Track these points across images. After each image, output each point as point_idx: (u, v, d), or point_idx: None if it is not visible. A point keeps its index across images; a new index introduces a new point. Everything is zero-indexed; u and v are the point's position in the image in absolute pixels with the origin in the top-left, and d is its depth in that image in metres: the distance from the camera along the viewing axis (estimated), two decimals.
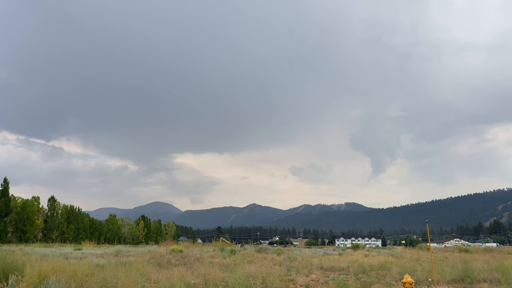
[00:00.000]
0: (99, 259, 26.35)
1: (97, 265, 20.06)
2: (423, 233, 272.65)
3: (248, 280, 16.23)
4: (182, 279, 15.91)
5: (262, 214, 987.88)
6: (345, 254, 46.93)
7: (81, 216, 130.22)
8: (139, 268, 17.98)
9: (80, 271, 15.47)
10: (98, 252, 38.65)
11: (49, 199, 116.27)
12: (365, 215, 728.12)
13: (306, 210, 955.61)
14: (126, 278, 15.02)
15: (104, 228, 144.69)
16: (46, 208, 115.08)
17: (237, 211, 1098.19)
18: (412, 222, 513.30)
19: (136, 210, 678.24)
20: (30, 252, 31.04)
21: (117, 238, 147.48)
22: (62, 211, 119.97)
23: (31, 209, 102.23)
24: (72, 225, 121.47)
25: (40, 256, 24.14)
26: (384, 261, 29.83)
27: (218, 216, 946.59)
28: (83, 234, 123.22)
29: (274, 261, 30.77)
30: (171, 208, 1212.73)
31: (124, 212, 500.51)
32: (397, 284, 17.36)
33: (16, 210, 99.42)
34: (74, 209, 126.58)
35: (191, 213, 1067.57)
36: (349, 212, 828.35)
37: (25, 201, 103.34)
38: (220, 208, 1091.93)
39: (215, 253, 42.04)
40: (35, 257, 21.50)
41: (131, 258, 27.72)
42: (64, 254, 31.63)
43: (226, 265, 24.71)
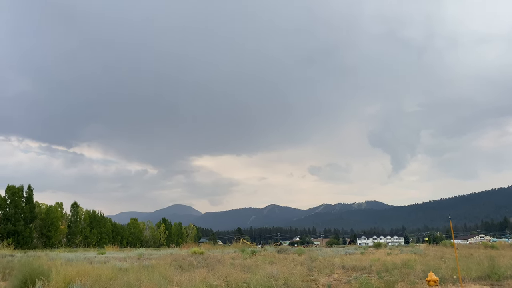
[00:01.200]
0: (122, 262, 26.68)
1: (120, 268, 20.33)
2: (446, 230, 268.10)
3: (270, 281, 16.20)
4: (204, 281, 15.99)
5: (282, 215, 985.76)
6: (367, 253, 46.44)
7: (103, 220, 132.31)
8: (161, 271, 18.13)
9: (104, 275, 15.69)
10: (121, 256, 39.16)
11: (72, 205, 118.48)
12: (386, 213, 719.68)
13: (326, 209, 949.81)
14: (149, 281, 15.17)
15: (126, 232, 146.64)
16: (69, 214, 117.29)
17: (256, 212, 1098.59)
18: (434, 219, 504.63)
19: (157, 213, 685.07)
20: (55, 257, 31.64)
21: (139, 241, 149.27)
22: (85, 216, 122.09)
23: (55, 215, 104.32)
24: (95, 229, 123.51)
25: (65, 261, 24.59)
26: (407, 259, 29.40)
27: (237, 217, 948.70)
28: (105, 239, 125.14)
29: (295, 261, 30.65)
30: (191, 211, 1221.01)
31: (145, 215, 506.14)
32: (421, 282, 17.07)
33: (41, 216, 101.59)
34: (96, 214, 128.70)
35: (211, 215, 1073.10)
36: (370, 210, 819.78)
37: (49, 207, 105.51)
38: (239, 209, 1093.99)
39: (236, 254, 42.12)
40: (60, 262, 21.91)
41: (154, 261, 27.99)
42: (88, 259, 32.14)
43: (248, 266, 24.72)
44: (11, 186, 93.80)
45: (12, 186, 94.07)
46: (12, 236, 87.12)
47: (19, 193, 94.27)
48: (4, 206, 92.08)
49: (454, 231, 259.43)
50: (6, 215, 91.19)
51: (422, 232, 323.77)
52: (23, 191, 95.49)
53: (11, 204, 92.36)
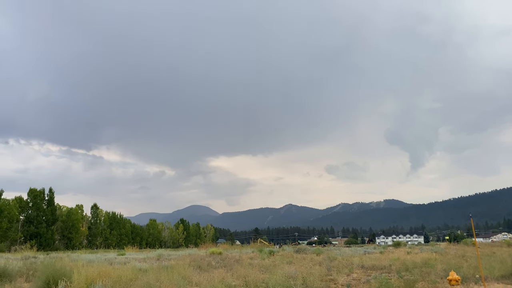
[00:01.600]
0: (142, 263, 26.99)
1: (140, 269, 20.58)
2: (467, 228, 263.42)
3: (288, 280, 16.19)
4: (223, 281, 16.07)
5: (299, 214, 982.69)
6: (387, 252, 45.96)
7: (123, 222, 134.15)
8: (180, 271, 18.29)
9: (125, 275, 15.91)
10: (140, 257, 39.60)
11: (92, 207, 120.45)
12: (405, 211, 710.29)
13: (344, 208, 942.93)
14: (169, 281, 15.33)
15: (145, 233, 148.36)
16: (89, 216, 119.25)
17: (273, 212, 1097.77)
18: (455, 217, 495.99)
19: (175, 214, 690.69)
20: (76, 258, 32.20)
21: (158, 242, 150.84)
22: (105, 218, 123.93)
23: (76, 217, 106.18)
24: (114, 231, 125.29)
25: (86, 262, 25.00)
26: (427, 258, 29.00)
27: (254, 217, 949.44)
28: (125, 240, 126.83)
29: (313, 261, 30.53)
30: (209, 211, 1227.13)
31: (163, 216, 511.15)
32: (443, 281, 16.82)
33: (62, 218, 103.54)
34: (116, 215, 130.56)
35: (228, 215, 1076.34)
36: (388, 209, 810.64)
37: (70, 210, 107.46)
38: (256, 209, 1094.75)
39: (254, 254, 42.17)
40: (81, 263, 22.29)
41: (173, 262, 28.24)
42: (109, 260, 32.60)
43: (266, 266, 24.74)
44: (33, 189, 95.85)
45: (34, 189, 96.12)
46: (34, 238, 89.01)
47: (41, 196, 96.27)
48: (26, 209, 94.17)
49: (476, 229, 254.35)
50: (29, 218, 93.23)
51: (442, 231, 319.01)
52: (44, 194, 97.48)
53: (33, 207, 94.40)
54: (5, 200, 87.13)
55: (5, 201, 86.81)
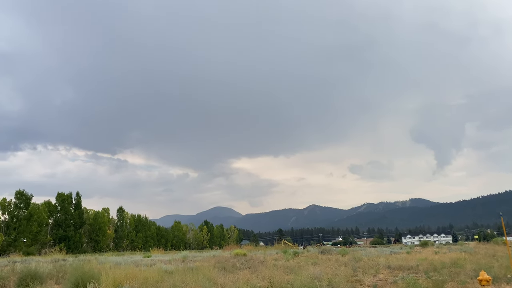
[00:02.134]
0: (167, 265, 27.28)
1: (166, 271, 20.80)
2: (497, 227, 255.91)
3: (313, 282, 16.07)
4: (247, 283, 16.08)
5: (323, 215, 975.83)
6: (413, 252, 45.13)
7: (148, 224, 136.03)
8: (205, 273, 18.39)
9: (151, 277, 16.11)
10: (166, 259, 40.03)
11: (117, 210, 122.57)
12: (432, 210, 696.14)
13: (369, 208, 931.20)
14: (194, 283, 15.43)
15: (170, 235, 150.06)
16: (115, 219, 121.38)
17: (296, 212, 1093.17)
18: (484, 216, 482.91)
19: (199, 216, 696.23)
20: (104, 261, 32.79)
21: (183, 244, 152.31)
22: (131, 221, 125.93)
23: (102, 220, 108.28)
24: (140, 233, 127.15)
25: (113, 264, 25.43)
26: (456, 258, 28.31)
27: (278, 218, 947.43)
28: (151, 242, 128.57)
29: (338, 262, 30.23)
30: (232, 212, 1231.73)
31: (187, 218, 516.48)
32: (473, 282, 16.38)
33: (89, 221, 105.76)
34: (141, 218, 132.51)
35: (252, 217, 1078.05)
36: (414, 208, 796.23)
37: (97, 213, 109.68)
38: (279, 210, 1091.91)
39: (278, 255, 42.07)
40: (109, 266, 22.67)
41: (198, 263, 28.44)
42: (135, 262, 33.08)
43: (290, 268, 24.63)
44: (61, 194, 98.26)
45: (62, 193, 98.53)
46: (63, 241, 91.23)
47: (68, 200, 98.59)
48: (55, 213, 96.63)
49: (506, 227, 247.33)
50: (58, 221, 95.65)
51: (471, 230, 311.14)
52: (72, 198, 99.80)
53: (61, 210, 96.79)
54: (34, 204, 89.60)
55: (34, 205, 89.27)
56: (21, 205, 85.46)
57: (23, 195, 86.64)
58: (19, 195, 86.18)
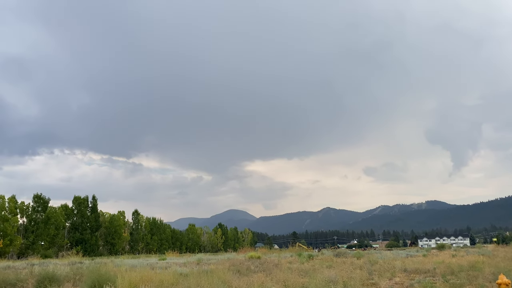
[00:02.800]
0: (182, 268, 27.41)
1: (181, 274, 20.91)
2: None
3: (328, 285, 15.98)
4: (262, 285, 16.07)
5: (337, 217, 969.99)
6: (430, 255, 44.47)
7: (163, 227, 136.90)
8: (220, 276, 18.43)
9: (166, 280, 16.22)
10: (181, 261, 40.23)
11: (133, 213, 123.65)
12: (449, 212, 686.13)
13: (384, 211, 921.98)
14: (209, 285, 15.49)
15: (185, 237, 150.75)
16: (131, 222, 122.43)
17: (311, 215, 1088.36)
18: (503, 218, 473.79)
19: (213, 219, 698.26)
20: (120, 263, 33.09)
21: (197, 246, 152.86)
22: (146, 224, 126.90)
23: (118, 223, 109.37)
24: (155, 236, 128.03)
25: (129, 267, 25.65)
26: (474, 261, 27.82)
27: (292, 221, 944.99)
28: (166, 245, 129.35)
29: (354, 265, 29.98)
30: (246, 215, 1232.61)
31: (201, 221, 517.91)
32: (491, 285, 16.10)
33: (105, 224, 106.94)
34: (156, 221, 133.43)
35: (266, 219, 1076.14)
36: (431, 210, 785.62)
37: (112, 216, 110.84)
38: (293, 213, 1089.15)
39: (293, 258, 41.91)
40: (124, 268, 22.88)
41: (212, 266, 28.51)
42: (150, 264, 33.33)
43: (305, 271, 24.51)
44: (77, 197, 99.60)
45: (78, 197, 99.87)
46: (80, 244, 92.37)
47: (85, 203, 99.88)
48: (72, 216, 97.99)
49: None
50: (74, 224, 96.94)
51: (490, 232, 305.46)
52: (88, 201, 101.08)
53: (78, 214, 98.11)
54: (51, 208, 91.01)
55: (51, 208, 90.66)
56: (38, 208, 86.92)
57: (41, 198, 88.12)
58: (36, 199, 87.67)
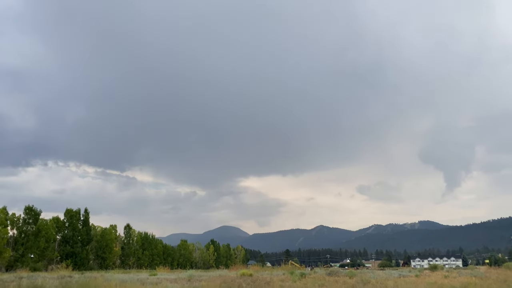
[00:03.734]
0: (173, 284, 27.21)
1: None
2: (509, 251, 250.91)
3: None
4: None
5: (331, 236, 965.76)
6: (423, 275, 44.42)
7: (155, 242, 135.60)
8: None
9: None
10: (172, 277, 39.88)
11: (125, 227, 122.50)
12: (442, 233, 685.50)
13: (377, 230, 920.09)
14: None
15: (177, 253, 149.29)
16: (122, 236, 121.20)
17: (304, 233, 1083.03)
18: (495, 240, 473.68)
19: (206, 235, 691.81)
20: (110, 278, 32.76)
21: (189, 263, 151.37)
22: (138, 238, 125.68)
23: (110, 237, 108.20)
24: (147, 251, 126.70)
25: (119, 282, 25.42)
26: (467, 283, 27.88)
27: (285, 238, 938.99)
28: (157, 260, 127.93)
29: (346, 284, 29.89)
30: (239, 232, 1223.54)
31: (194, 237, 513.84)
32: None
33: (96, 238, 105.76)
34: (148, 235, 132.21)
35: (259, 236, 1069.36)
36: (423, 230, 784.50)
37: (104, 230, 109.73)
38: (287, 230, 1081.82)
39: (285, 276, 41.65)
40: (115, 283, 22.70)
41: (203, 283, 28.31)
42: (141, 280, 33.02)
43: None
44: (69, 210, 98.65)
45: (70, 209, 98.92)
46: (70, 257, 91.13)
47: (77, 216, 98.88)
48: (63, 229, 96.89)
49: None
50: (65, 237, 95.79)
51: (482, 254, 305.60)
52: (80, 214, 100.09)
53: (69, 227, 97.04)
54: (43, 220, 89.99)
55: (43, 221, 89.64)
56: (29, 220, 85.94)
57: (32, 210, 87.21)
58: (28, 211, 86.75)
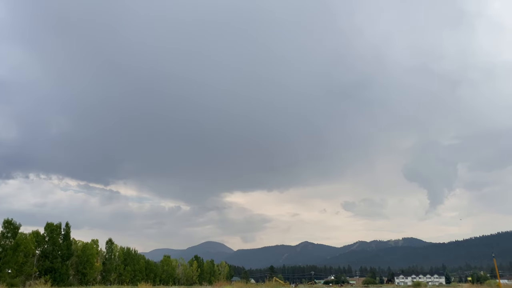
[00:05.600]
0: None
1: None
2: (491, 269, 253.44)
3: None
4: None
5: (315, 252, 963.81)
6: None
7: (137, 258, 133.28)
8: None
9: None
10: None
11: (107, 242, 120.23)
12: (425, 250, 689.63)
13: (361, 247, 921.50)
14: None
15: (159, 269, 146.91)
16: (104, 251, 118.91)
17: (289, 249, 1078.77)
18: (477, 257, 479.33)
19: (189, 251, 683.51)
20: None
21: (172, 279, 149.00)
22: (119, 253, 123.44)
23: (91, 252, 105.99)
24: (129, 267, 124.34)
25: None
26: None
27: (270, 254, 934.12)
28: (139, 276, 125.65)
29: None
30: (223, 248, 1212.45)
31: (177, 252, 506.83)
32: None
33: (77, 253, 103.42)
34: (130, 251, 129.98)
35: (243, 252, 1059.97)
36: (407, 247, 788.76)
37: (85, 244, 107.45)
38: (272, 246, 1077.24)
39: None
40: None
41: None
42: None
43: None
44: (50, 224, 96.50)
45: (51, 223, 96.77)
46: (49, 273, 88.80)
47: (57, 230, 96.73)
48: (43, 243, 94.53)
49: (500, 270, 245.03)
50: (44, 252, 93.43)
51: (465, 271, 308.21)
52: (61, 228, 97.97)
53: (49, 241, 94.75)
54: (22, 234, 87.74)
55: (22, 235, 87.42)
56: (8, 234, 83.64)
57: (11, 224, 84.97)
58: (6, 224, 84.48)
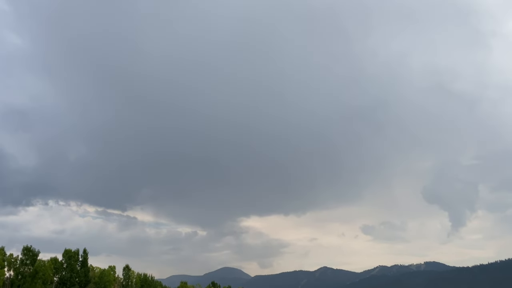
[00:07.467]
0: None
1: None
2: None
3: None
4: None
5: (335, 278, 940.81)
6: None
7: (154, 284, 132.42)
8: None
9: None
10: None
11: (124, 268, 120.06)
12: (449, 274, 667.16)
13: (382, 271, 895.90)
14: None
15: None
16: (121, 277, 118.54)
17: (307, 275, 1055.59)
18: (503, 281, 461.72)
19: (206, 277, 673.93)
20: None
21: None
22: (136, 280, 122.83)
23: (108, 279, 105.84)
24: None
25: None
26: None
27: (288, 280, 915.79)
28: None
29: None
30: (240, 274, 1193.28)
31: (194, 279, 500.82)
32: None
33: (95, 280, 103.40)
34: (147, 277, 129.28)
35: (261, 278, 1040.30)
36: (430, 272, 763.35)
37: (103, 271, 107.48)
38: (290, 272, 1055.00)
39: None
40: None
41: None
42: None
43: None
44: (68, 250, 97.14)
45: (69, 250, 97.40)
46: None
47: (75, 257, 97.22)
48: (61, 270, 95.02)
49: None
50: (62, 279, 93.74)
51: None
52: (78, 255, 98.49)
53: (67, 268, 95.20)
54: (40, 261, 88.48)
55: (40, 262, 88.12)
56: (27, 261, 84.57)
57: (30, 251, 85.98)
58: (26, 251, 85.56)
